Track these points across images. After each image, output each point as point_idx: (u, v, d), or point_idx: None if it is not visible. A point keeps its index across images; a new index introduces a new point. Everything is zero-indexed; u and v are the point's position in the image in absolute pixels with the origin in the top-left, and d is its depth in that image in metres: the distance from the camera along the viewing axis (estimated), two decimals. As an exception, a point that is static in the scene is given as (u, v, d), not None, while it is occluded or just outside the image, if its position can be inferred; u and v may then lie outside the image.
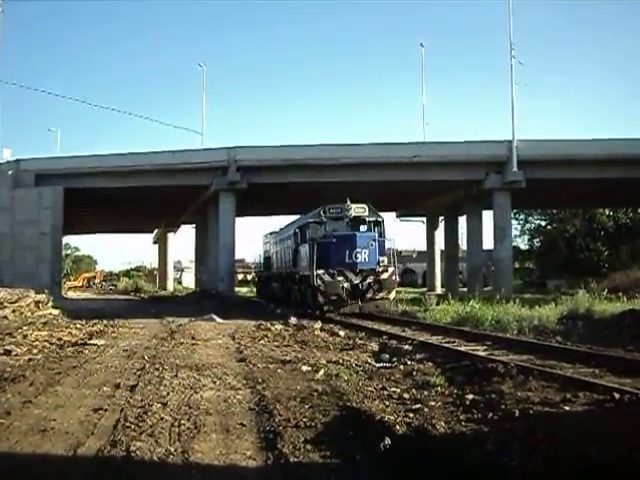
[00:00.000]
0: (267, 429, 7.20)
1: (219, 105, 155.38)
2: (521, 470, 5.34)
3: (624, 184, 39.85)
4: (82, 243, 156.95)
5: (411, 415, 7.70)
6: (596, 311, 20.83)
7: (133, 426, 7.23)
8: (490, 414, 7.58)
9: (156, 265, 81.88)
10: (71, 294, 61.89)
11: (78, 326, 19.82)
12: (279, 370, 11.10)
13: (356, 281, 23.77)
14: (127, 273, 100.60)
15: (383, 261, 24.94)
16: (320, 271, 23.54)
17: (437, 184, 41.41)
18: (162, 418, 7.61)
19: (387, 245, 26.08)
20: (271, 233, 38.42)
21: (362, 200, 27.02)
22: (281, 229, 34.87)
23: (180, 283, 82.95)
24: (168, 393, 9.01)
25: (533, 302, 24.66)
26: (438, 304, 26.35)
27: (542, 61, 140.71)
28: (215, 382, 9.89)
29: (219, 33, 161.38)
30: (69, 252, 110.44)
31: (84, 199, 43.18)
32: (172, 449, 6.45)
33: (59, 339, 16.09)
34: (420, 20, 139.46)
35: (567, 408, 7.86)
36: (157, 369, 11.06)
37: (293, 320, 21.84)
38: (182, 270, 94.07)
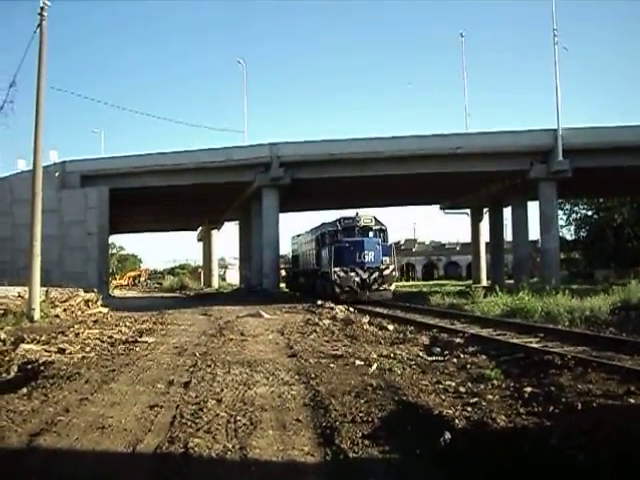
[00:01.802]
0: (323, 425, 7.13)
1: (261, 103, 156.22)
2: (590, 466, 5.19)
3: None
4: (127, 242, 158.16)
5: (469, 409, 7.58)
6: (649, 301, 20.46)
7: (189, 422, 7.22)
8: (551, 407, 7.41)
9: (200, 262, 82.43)
10: (117, 292, 62.61)
11: (127, 324, 19.96)
12: (331, 365, 11.01)
13: (364, 276, 30.41)
14: (172, 271, 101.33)
15: (386, 260, 31.26)
16: (337, 269, 30.42)
17: (481, 175, 41.05)
18: (217, 414, 7.59)
19: (389, 247, 32.63)
20: (298, 235, 41.90)
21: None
22: (306, 233, 40.43)
23: (224, 280, 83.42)
24: (222, 389, 8.99)
25: (582, 293, 24.24)
26: (485, 297, 26.06)
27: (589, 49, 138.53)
28: (268, 378, 9.83)
29: (257, 29, 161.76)
30: (114, 251, 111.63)
31: (129, 199, 43.59)
32: (230, 445, 6.41)
33: (110, 337, 16.20)
34: (461, 10, 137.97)
35: (632, 401, 7.65)
36: (209, 365, 11.04)
37: (340, 315, 22.02)
38: (226, 267, 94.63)
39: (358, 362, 11.19)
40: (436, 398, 8.30)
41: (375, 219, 32.03)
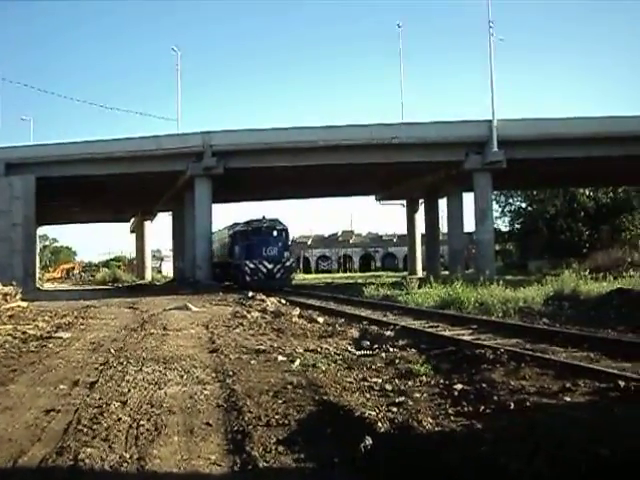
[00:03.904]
0: (235, 429, 6.47)
1: (196, 93, 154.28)
2: (524, 475, 4.64)
3: (606, 163, 39.64)
4: (61, 234, 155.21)
5: (394, 409, 6.97)
6: (582, 291, 20.35)
7: (86, 429, 6.46)
8: (482, 407, 6.84)
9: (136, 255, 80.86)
10: (49, 285, 61.05)
11: (46, 318, 18.98)
12: (252, 361, 10.33)
13: (270, 267, 36.31)
14: (107, 264, 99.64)
15: (287, 254, 37.90)
16: (247, 261, 36.35)
17: (417, 165, 40.92)
18: (119, 419, 6.85)
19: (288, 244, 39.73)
20: (213, 233, 43.16)
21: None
22: (221, 230, 44.46)
23: (160, 272, 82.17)
24: (129, 390, 8.23)
25: (516, 284, 24.13)
26: (420, 288, 25.72)
27: (523, 38, 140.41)
28: (182, 376, 9.10)
29: (194, 17, 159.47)
30: (47, 243, 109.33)
31: (57, 188, 42.13)
32: (127, 455, 5.71)
33: (24, 332, 15.23)
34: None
35: (568, 399, 7.12)
36: (121, 363, 10.24)
37: (271, 307, 21.51)
38: (162, 259, 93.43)
39: (281, 358, 10.53)
40: (360, 397, 7.69)
41: (278, 221, 38.36)
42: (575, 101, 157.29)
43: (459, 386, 7.98)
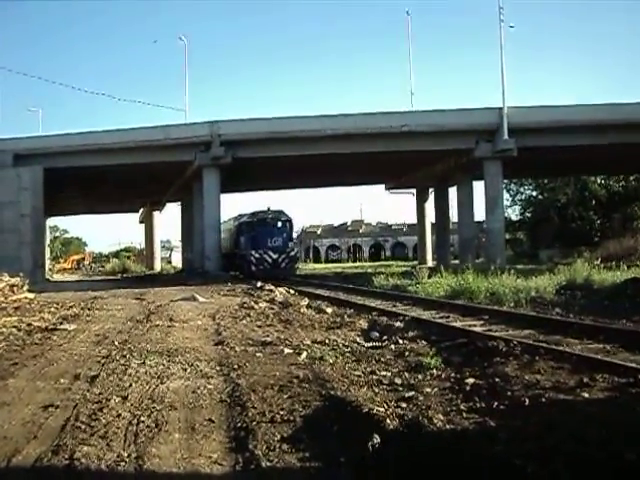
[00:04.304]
0: (238, 425, 6.24)
1: (205, 84, 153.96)
2: (541, 479, 4.36)
3: (617, 150, 39.12)
4: (71, 225, 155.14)
5: (404, 405, 6.71)
6: (595, 280, 20.03)
7: (84, 426, 6.23)
8: (495, 403, 6.54)
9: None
10: (59, 277, 61.06)
11: (52, 310, 18.79)
12: (258, 354, 10.07)
13: (274, 257, 37.33)
14: (117, 254, 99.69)
15: (291, 245, 39.29)
16: (253, 251, 37.56)
17: (426, 154, 40.47)
18: (119, 415, 6.62)
19: (293, 235, 41.91)
20: (220, 223, 43.08)
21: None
22: (226, 222, 44.62)
23: (170, 262, 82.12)
24: (131, 384, 7.99)
25: (527, 273, 23.80)
26: (430, 277, 25.36)
27: (534, 28, 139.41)
28: (185, 370, 8.85)
29: (202, 8, 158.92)
30: (58, 234, 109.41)
31: (65, 179, 41.90)
32: (125, 454, 5.48)
33: (29, 324, 15.02)
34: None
35: (586, 395, 6.80)
36: (124, 356, 10.00)
37: (279, 298, 21.27)
38: (171, 249, 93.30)
39: (287, 350, 10.26)
40: (368, 392, 7.42)
41: (283, 212, 39.76)
42: (581, 93, 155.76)
43: (471, 380, 7.69)
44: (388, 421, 5.95)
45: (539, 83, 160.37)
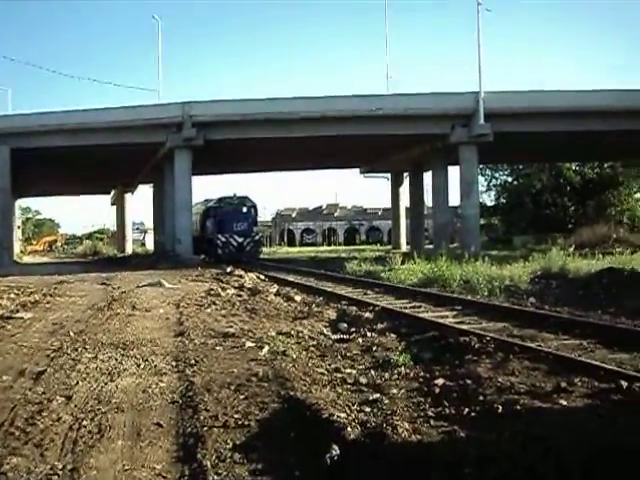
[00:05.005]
0: (188, 431, 5.76)
1: (178, 65, 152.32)
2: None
3: (593, 137, 38.97)
4: (45, 207, 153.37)
5: (367, 409, 6.21)
6: (570, 269, 19.70)
7: (18, 432, 5.71)
8: (466, 409, 6.02)
9: (120, 227, 79.83)
10: (29, 259, 60.12)
11: (12, 296, 18.14)
12: (218, 347, 9.54)
13: (240, 240, 39.09)
14: (90, 236, 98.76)
15: (255, 229, 41.09)
16: (219, 235, 39.25)
17: (401, 138, 39.93)
18: (59, 419, 6.10)
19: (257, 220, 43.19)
20: (191, 206, 43.50)
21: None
22: (194, 206, 43.92)
23: (144, 245, 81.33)
24: (77, 382, 7.45)
25: (501, 260, 23.48)
26: (403, 263, 24.93)
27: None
28: (139, 365, 8.31)
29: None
30: (30, 216, 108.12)
31: (35, 160, 40.91)
32: (59, 465, 4.98)
33: (-18, 313, 14.43)
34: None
35: (564, 402, 6.28)
36: (76, 349, 9.43)
37: (249, 284, 20.82)
38: (145, 232, 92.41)
39: (249, 344, 9.73)
40: (330, 392, 6.92)
41: (248, 198, 41.71)
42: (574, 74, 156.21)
43: (440, 381, 7.18)
44: (349, 429, 5.47)
45: (521, 62, 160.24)
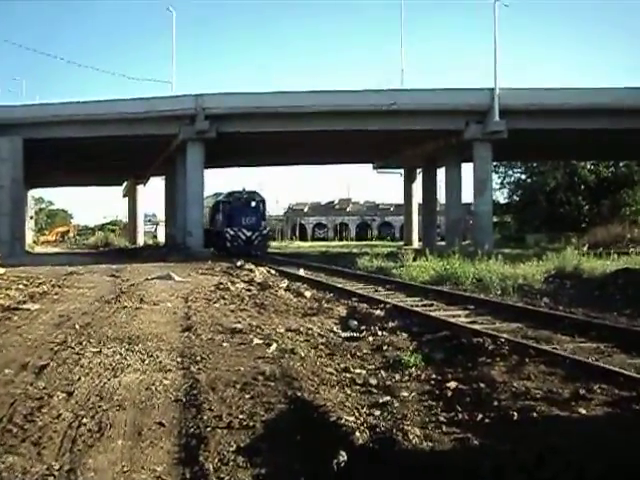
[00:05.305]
0: (191, 431, 5.57)
1: (192, 58, 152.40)
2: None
3: (608, 135, 38.52)
4: (58, 197, 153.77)
5: (377, 413, 6.00)
6: (584, 269, 19.40)
7: (16, 429, 5.53)
8: (480, 415, 5.80)
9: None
10: (41, 249, 60.30)
11: (21, 287, 18.02)
12: (225, 343, 9.34)
13: (248, 234, 39.70)
14: (102, 227, 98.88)
15: (264, 224, 41.77)
16: (228, 228, 39.88)
17: (415, 134, 39.65)
18: (59, 415, 5.92)
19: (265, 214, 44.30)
20: (203, 199, 43.76)
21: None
22: (204, 199, 44.16)
23: (155, 237, 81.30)
24: (80, 377, 7.27)
25: (514, 258, 23.18)
26: (415, 260, 24.70)
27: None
28: (144, 361, 8.12)
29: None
30: (43, 206, 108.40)
31: (47, 150, 40.76)
32: (56, 466, 4.80)
33: (-9, 303, 14.29)
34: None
35: (583, 411, 5.98)
36: (80, 343, 9.25)
37: (259, 278, 20.65)
38: (157, 224, 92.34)
39: (257, 340, 9.52)
40: (339, 393, 6.71)
41: (257, 193, 42.91)
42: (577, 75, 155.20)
43: (453, 384, 6.95)
44: (357, 434, 5.27)
45: (534, 64, 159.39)
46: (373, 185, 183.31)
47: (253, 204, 41.61)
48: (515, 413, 5.81)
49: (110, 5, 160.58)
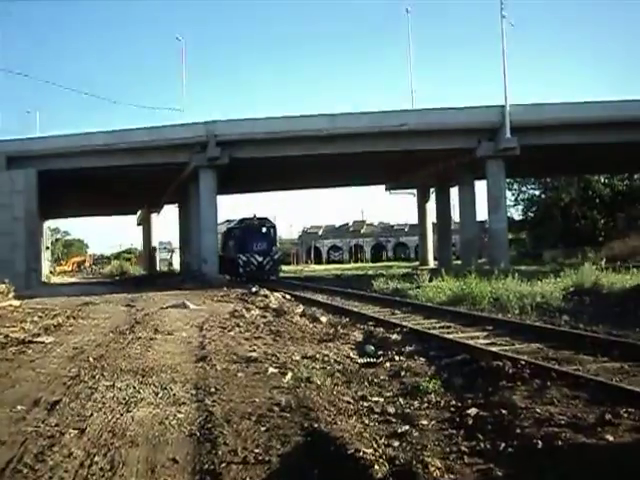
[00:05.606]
0: (205, 467, 5.39)
1: (202, 84, 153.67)
2: None
3: (621, 148, 38.31)
4: (73, 227, 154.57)
5: (396, 444, 5.82)
6: (604, 285, 19.11)
7: (26, 470, 5.37)
8: (502, 444, 5.59)
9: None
10: (58, 279, 60.52)
11: (36, 319, 17.93)
12: (239, 373, 9.17)
13: (260, 259, 40.73)
14: (117, 256, 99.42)
15: (275, 249, 42.72)
16: (240, 254, 40.79)
17: (427, 153, 39.59)
18: (71, 454, 5.76)
19: (276, 240, 45.37)
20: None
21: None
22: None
23: (171, 264, 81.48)
24: (92, 413, 7.12)
25: (531, 275, 22.84)
26: (431, 280, 24.53)
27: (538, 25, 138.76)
28: (157, 394, 7.98)
29: (198, 9, 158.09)
30: (59, 237, 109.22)
31: (61, 181, 40.99)
32: (66, 510, 4.65)
33: (6, 336, 14.17)
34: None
35: (610, 438, 5.70)
36: (94, 377, 9.12)
37: (274, 304, 20.51)
38: (172, 251, 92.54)
39: (272, 369, 9.33)
40: (357, 424, 6.53)
41: (267, 219, 43.65)
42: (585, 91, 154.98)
43: (473, 410, 6.73)
44: (376, 467, 5.09)
45: (543, 80, 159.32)
46: (387, 206, 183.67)
47: (264, 230, 42.42)
48: (539, 441, 5.58)
49: (121, 37, 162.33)
